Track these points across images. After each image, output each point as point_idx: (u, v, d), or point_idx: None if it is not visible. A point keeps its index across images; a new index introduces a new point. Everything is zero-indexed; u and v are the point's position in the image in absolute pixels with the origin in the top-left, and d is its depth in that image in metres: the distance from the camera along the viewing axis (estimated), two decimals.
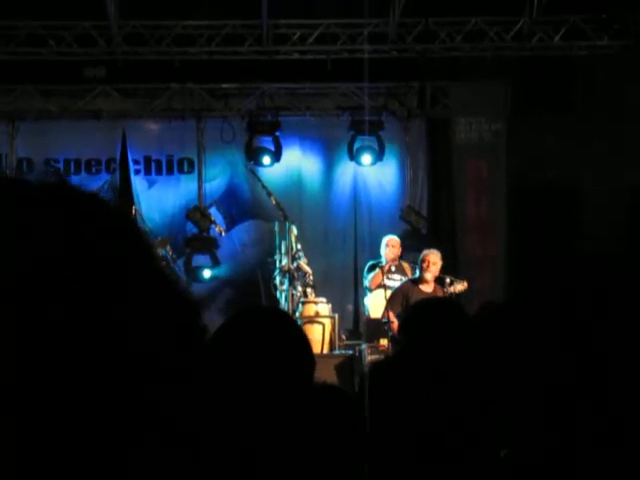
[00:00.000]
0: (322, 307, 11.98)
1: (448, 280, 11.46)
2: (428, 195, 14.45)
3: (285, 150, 14.13)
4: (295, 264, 12.18)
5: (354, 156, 14.12)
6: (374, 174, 14.34)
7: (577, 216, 13.32)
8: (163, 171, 14.24)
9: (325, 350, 11.67)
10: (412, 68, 13.82)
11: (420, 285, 11.01)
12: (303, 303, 11.99)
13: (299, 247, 12.34)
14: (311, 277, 12.32)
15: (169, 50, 13.40)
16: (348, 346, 12.04)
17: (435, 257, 11.16)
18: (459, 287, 11.49)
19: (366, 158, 14.09)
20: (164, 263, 11.98)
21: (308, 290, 12.21)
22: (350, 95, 14.12)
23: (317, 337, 11.64)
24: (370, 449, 2.55)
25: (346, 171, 14.35)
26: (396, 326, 9.61)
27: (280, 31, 13.44)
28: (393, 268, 11.92)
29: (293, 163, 14.28)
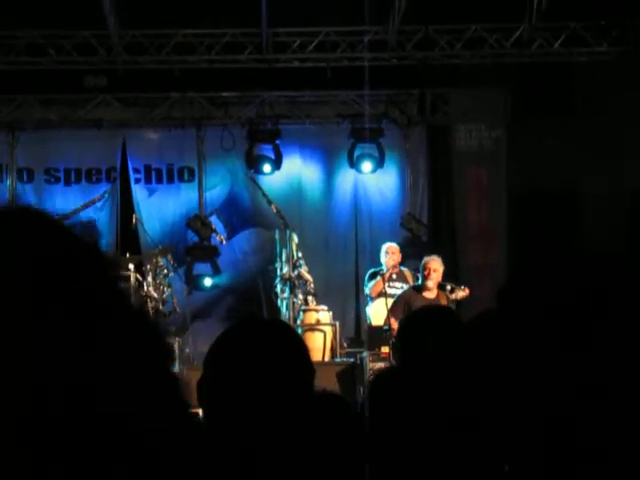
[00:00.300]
0: (323, 315, 11.97)
1: (449, 287, 11.44)
2: (428, 202, 14.43)
3: (285, 158, 14.13)
4: (296, 272, 12.17)
5: (354, 164, 14.12)
6: (374, 181, 14.33)
7: (578, 221, 13.30)
8: (163, 180, 14.24)
9: (326, 358, 11.66)
10: (412, 75, 13.83)
11: (423, 292, 11.00)
12: (304, 311, 11.98)
13: (300, 255, 12.33)
14: (312, 285, 12.32)
15: (169, 59, 13.42)
16: (349, 354, 12.02)
17: (436, 264, 11.14)
18: (460, 293, 11.49)
19: (366, 166, 14.09)
20: (165, 273, 11.98)
21: (309, 298, 12.21)
22: (350, 103, 14.13)
23: (318, 345, 11.63)
24: (372, 460, 2.55)
25: (346, 179, 14.34)
26: None
27: (280, 39, 13.45)
28: (394, 276, 11.91)
29: (293, 171, 14.28)
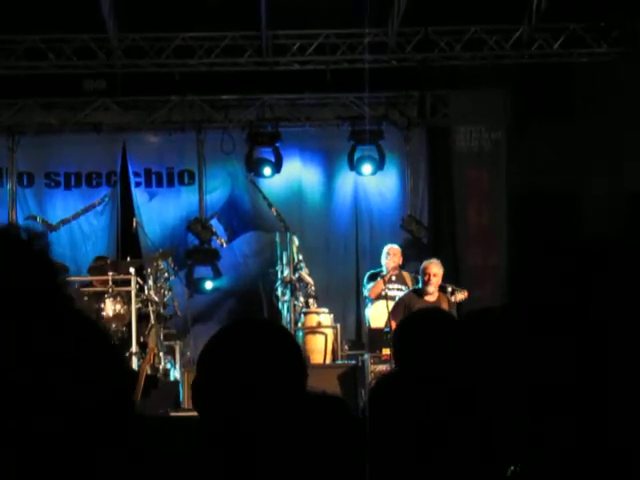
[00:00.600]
0: (324, 317, 11.97)
1: (450, 289, 11.43)
2: (429, 204, 14.42)
3: (285, 161, 14.12)
4: (297, 275, 12.17)
5: (354, 166, 14.12)
6: (374, 184, 14.32)
7: (578, 223, 13.29)
8: (164, 183, 14.23)
9: (328, 360, 11.66)
10: (412, 77, 13.81)
11: (424, 297, 10.98)
12: (305, 314, 11.98)
13: (300, 258, 12.33)
14: (313, 287, 12.31)
15: (168, 62, 13.42)
16: (351, 356, 12.01)
17: (436, 267, 11.11)
18: (460, 296, 11.47)
19: (366, 168, 14.08)
20: (166, 276, 11.97)
21: (310, 300, 12.20)
22: (350, 105, 14.12)
23: (319, 347, 11.63)
24: (373, 462, 2.54)
25: (346, 181, 14.33)
26: None
27: (279, 42, 13.45)
28: (393, 277, 11.89)
29: (293, 174, 14.27)
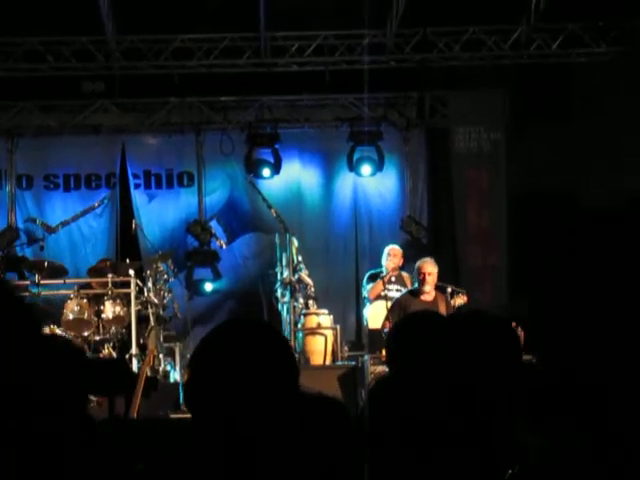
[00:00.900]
0: (324, 318, 11.96)
1: (450, 290, 11.39)
2: (428, 205, 14.41)
3: (285, 162, 14.12)
4: (296, 276, 12.16)
5: (354, 167, 14.11)
6: (374, 185, 14.31)
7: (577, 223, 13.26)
8: (163, 185, 14.22)
9: (327, 361, 11.66)
10: (411, 78, 13.81)
11: (420, 296, 10.97)
12: (305, 315, 11.97)
13: (300, 259, 12.33)
14: (312, 289, 12.31)
15: (167, 64, 13.42)
16: (351, 357, 12.01)
17: (430, 266, 11.07)
18: (459, 301, 11.39)
19: (366, 169, 14.07)
20: (166, 277, 11.98)
21: (310, 302, 12.20)
22: (349, 106, 14.12)
23: (319, 348, 11.63)
24: (372, 463, 2.53)
25: (346, 182, 14.33)
26: None
27: (278, 43, 13.45)
28: (393, 278, 11.89)
29: (293, 175, 14.26)
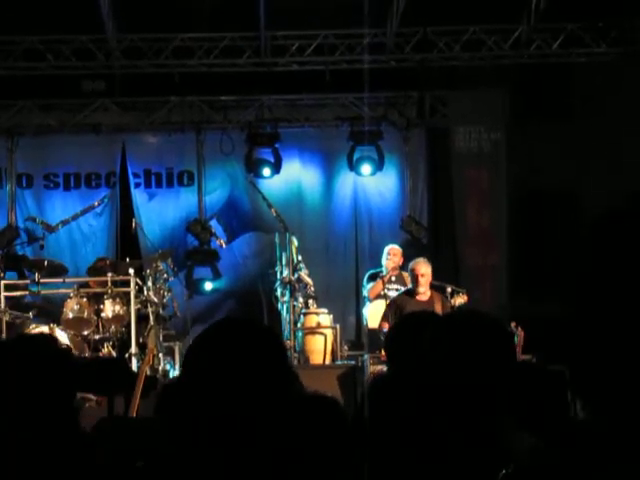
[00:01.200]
0: (324, 318, 11.96)
1: (449, 289, 11.38)
2: (428, 205, 14.40)
3: (285, 161, 14.12)
4: (296, 275, 12.15)
5: (354, 166, 14.11)
6: (374, 184, 14.31)
7: (577, 222, 13.28)
8: (163, 184, 14.22)
9: (327, 361, 11.65)
10: (411, 78, 13.81)
11: (416, 297, 10.96)
12: (304, 314, 11.96)
13: (300, 258, 12.32)
14: (312, 288, 12.30)
15: (167, 63, 13.41)
16: (350, 357, 12.01)
17: (423, 267, 11.04)
18: (459, 300, 11.39)
19: (366, 168, 14.07)
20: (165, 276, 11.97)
21: (309, 301, 12.19)
22: (349, 105, 14.12)
23: (319, 348, 11.63)
24: (371, 463, 2.53)
25: (346, 181, 14.33)
26: None
27: (278, 42, 13.45)
28: (393, 278, 11.89)
29: (293, 174, 14.26)
